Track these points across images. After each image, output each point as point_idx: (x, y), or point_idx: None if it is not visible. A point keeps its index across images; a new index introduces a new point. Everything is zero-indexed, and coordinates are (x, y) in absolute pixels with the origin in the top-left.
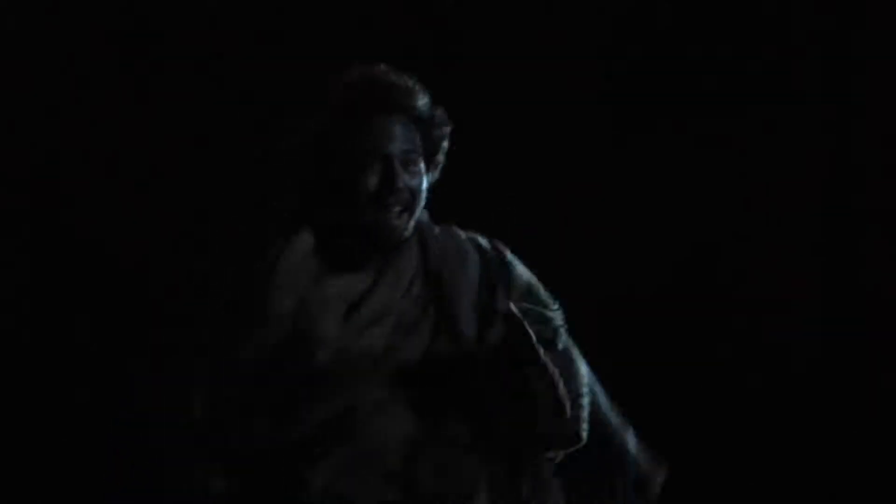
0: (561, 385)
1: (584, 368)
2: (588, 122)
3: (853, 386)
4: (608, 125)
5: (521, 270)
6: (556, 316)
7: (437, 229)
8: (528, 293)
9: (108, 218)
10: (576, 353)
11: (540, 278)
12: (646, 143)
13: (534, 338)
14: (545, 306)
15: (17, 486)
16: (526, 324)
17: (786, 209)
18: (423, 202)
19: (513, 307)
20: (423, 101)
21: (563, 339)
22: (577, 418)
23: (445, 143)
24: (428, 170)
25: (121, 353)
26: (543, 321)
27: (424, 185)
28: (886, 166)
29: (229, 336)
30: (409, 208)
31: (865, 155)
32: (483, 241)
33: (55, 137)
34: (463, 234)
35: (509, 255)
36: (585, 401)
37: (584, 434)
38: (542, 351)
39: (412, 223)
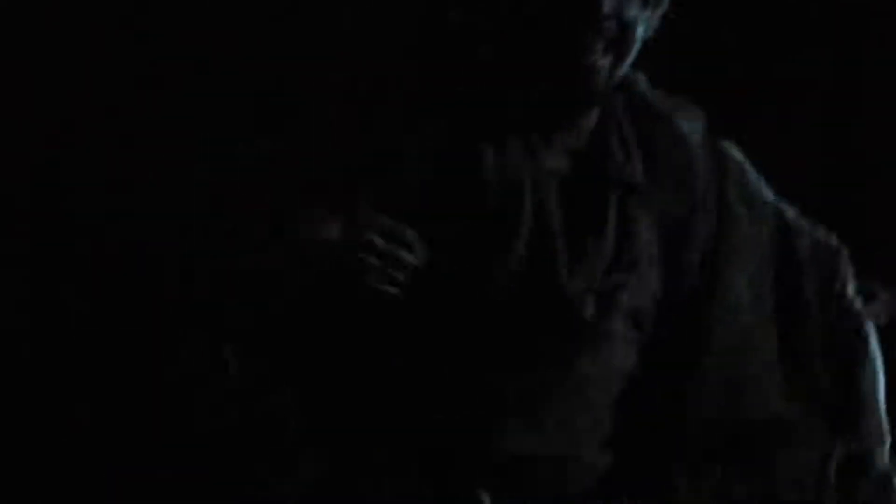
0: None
1: None
2: None
3: None
4: None
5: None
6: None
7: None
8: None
9: (109, 216)
10: None
11: None
12: None
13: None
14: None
15: (18, 485)
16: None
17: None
18: (637, 46)
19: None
20: None
21: None
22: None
23: None
24: (646, 6)
25: (120, 353)
26: None
27: (642, 22)
28: (886, 166)
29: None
30: (619, 49)
31: (865, 155)
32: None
33: (55, 137)
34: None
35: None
36: None
37: None
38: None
39: (619, 73)
